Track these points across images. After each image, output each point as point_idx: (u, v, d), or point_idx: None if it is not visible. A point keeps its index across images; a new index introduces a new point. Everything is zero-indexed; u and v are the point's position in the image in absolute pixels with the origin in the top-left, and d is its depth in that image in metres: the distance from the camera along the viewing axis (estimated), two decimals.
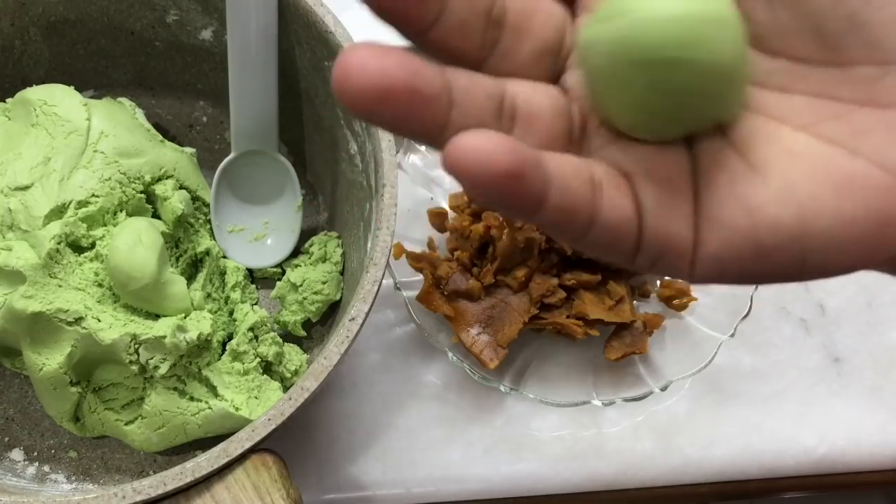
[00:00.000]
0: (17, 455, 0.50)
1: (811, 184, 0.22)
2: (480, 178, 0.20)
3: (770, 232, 0.22)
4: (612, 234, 0.22)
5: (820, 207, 0.22)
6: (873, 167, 0.21)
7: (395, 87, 0.20)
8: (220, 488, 0.40)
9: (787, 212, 0.22)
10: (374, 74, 0.19)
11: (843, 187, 0.22)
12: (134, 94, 0.57)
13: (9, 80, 0.54)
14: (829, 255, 0.22)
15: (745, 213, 0.22)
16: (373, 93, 0.19)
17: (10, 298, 0.45)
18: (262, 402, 0.48)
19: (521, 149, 0.20)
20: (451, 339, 0.54)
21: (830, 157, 0.22)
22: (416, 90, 0.20)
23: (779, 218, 0.22)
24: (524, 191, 0.20)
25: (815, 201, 0.22)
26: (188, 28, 0.55)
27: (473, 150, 0.19)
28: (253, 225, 0.55)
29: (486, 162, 0.19)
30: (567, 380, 0.55)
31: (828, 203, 0.22)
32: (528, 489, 0.55)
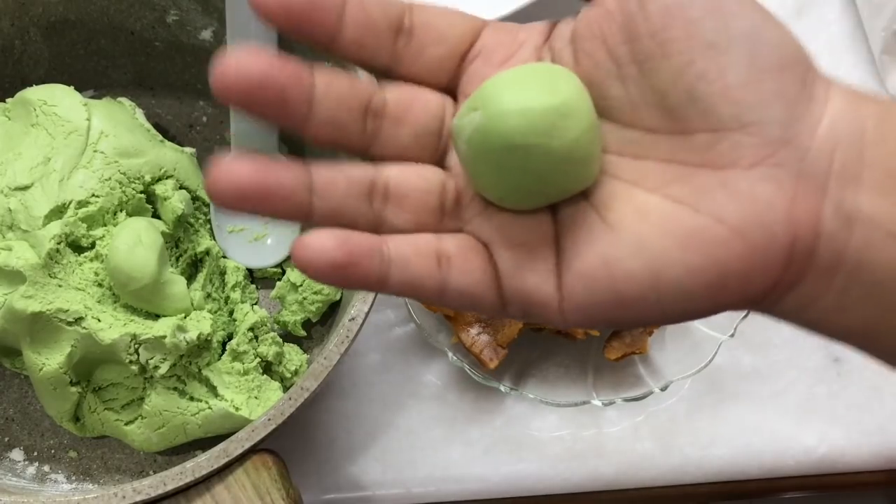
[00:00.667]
0: (17, 455, 0.50)
1: (660, 238, 0.25)
2: (315, 269, 0.24)
3: (625, 282, 0.25)
4: (467, 296, 0.26)
5: (669, 259, 0.24)
6: (713, 222, 0.24)
7: (249, 188, 0.24)
8: (220, 488, 0.40)
9: (639, 264, 0.25)
10: (232, 180, 0.24)
11: (688, 241, 0.24)
12: (134, 94, 0.57)
13: (9, 80, 0.54)
14: (683, 302, 0.25)
15: (603, 265, 0.25)
16: (233, 196, 0.24)
17: (10, 298, 0.45)
18: (262, 402, 0.48)
19: (352, 240, 0.24)
20: (451, 339, 0.54)
21: (677, 215, 0.25)
22: (266, 188, 0.24)
23: (632, 270, 0.25)
24: (360, 275, 0.24)
25: (664, 254, 0.24)
26: (188, 28, 0.55)
27: (307, 247, 0.24)
28: (253, 225, 0.55)
29: (317, 257, 0.24)
30: (567, 380, 0.55)
31: (675, 255, 0.24)
32: (528, 489, 0.55)
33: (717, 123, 0.24)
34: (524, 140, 0.24)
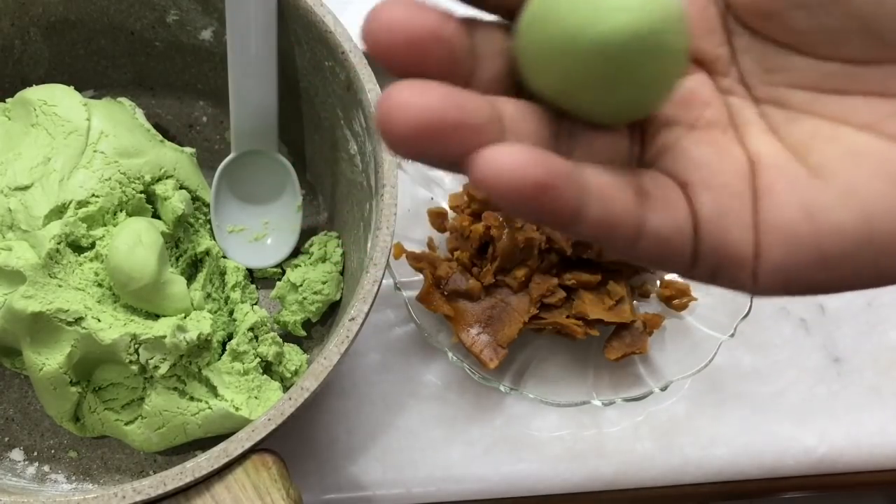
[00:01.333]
0: (17, 455, 0.50)
1: (876, 183, 0.21)
2: (508, 191, 0.19)
3: (834, 237, 0.21)
4: (663, 246, 0.22)
5: (887, 207, 0.21)
6: None
7: (443, 124, 0.19)
8: (220, 488, 0.40)
9: (852, 215, 0.21)
10: (419, 113, 0.19)
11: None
12: (134, 94, 0.57)
13: (9, 80, 0.54)
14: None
15: (807, 217, 0.21)
16: (420, 132, 0.19)
17: (10, 298, 0.45)
18: (262, 402, 0.48)
19: (552, 161, 0.20)
20: (451, 339, 0.54)
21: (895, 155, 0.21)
22: (464, 124, 0.19)
23: (843, 222, 0.21)
24: (557, 203, 0.20)
25: (882, 201, 0.21)
26: (188, 28, 0.55)
27: (499, 162, 0.19)
28: (253, 225, 0.55)
29: (512, 175, 0.19)
30: (567, 380, 0.55)
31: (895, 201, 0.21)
32: (528, 489, 0.55)
33: None
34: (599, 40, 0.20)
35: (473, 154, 0.19)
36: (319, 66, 0.51)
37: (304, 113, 0.55)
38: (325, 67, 0.50)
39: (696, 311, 0.56)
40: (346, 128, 0.50)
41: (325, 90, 0.52)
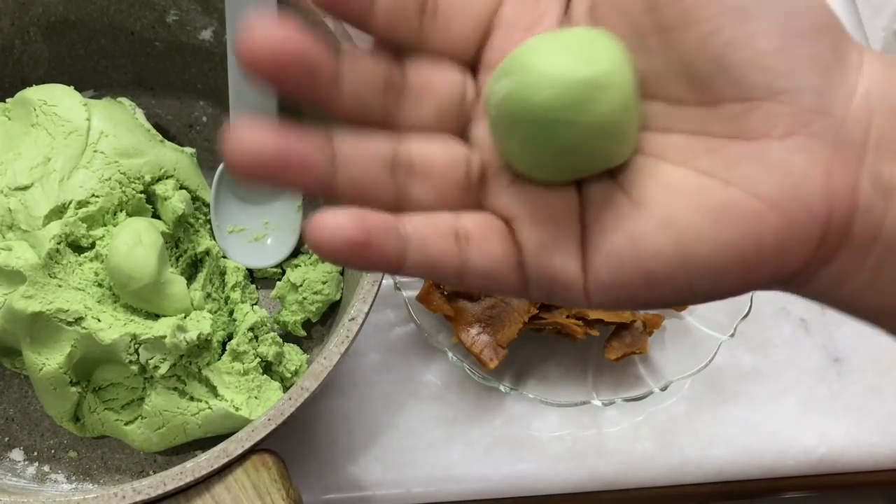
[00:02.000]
0: (17, 455, 0.50)
1: (689, 214, 0.23)
2: (330, 250, 0.23)
3: (654, 260, 0.24)
4: (489, 278, 0.25)
5: (698, 235, 0.23)
6: (745, 195, 0.23)
7: (267, 158, 0.23)
8: (220, 488, 0.40)
9: (668, 240, 0.24)
10: (250, 149, 0.22)
11: (718, 215, 0.23)
12: (134, 94, 0.57)
13: (9, 80, 0.54)
14: (713, 280, 0.24)
15: (630, 244, 0.24)
16: (252, 165, 0.23)
17: (10, 298, 0.45)
18: (262, 402, 0.48)
19: (369, 219, 0.23)
20: (451, 339, 0.54)
21: (706, 188, 0.23)
22: (286, 158, 0.23)
23: (661, 247, 0.24)
24: (377, 255, 0.23)
25: (694, 230, 0.23)
26: (188, 28, 0.55)
27: (323, 227, 0.23)
28: (253, 225, 0.55)
29: (332, 236, 0.23)
30: (567, 380, 0.55)
31: (705, 231, 0.23)
32: (528, 489, 0.55)
33: (747, 92, 0.23)
34: (553, 113, 0.23)
35: (308, 223, 0.23)
36: None
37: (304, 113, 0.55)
38: None
39: (696, 311, 0.56)
40: None
41: None
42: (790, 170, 0.23)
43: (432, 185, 0.25)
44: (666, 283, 0.24)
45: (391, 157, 0.25)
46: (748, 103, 0.23)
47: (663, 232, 0.24)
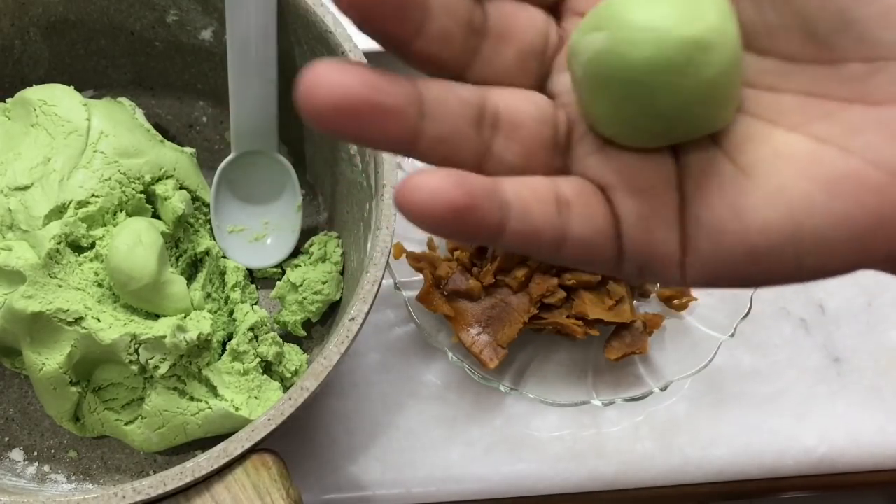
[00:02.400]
0: (17, 455, 0.50)
1: (802, 183, 0.22)
2: (429, 215, 0.20)
3: (761, 234, 0.22)
4: (587, 250, 0.23)
5: (811, 207, 0.21)
6: (865, 165, 0.21)
7: (355, 103, 0.20)
8: (220, 488, 0.40)
9: (778, 213, 0.22)
10: (335, 91, 0.20)
11: (834, 186, 0.21)
12: (134, 94, 0.57)
13: (9, 80, 0.54)
14: (824, 256, 0.22)
15: (735, 216, 0.22)
16: (334, 109, 0.20)
17: (10, 298, 0.45)
18: (262, 402, 0.48)
19: (470, 181, 0.21)
20: (451, 339, 0.54)
21: (822, 156, 0.22)
22: (377, 104, 0.20)
23: (769, 219, 0.22)
24: (479, 222, 0.21)
25: (807, 201, 0.21)
26: (188, 28, 0.55)
27: (419, 188, 0.20)
28: (253, 225, 0.55)
29: (432, 199, 0.20)
30: (567, 380, 0.55)
31: (819, 202, 0.21)
32: (528, 489, 0.55)
33: (874, 51, 0.21)
34: (654, 76, 0.21)
35: (398, 186, 0.21)
36: None
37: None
38: None
39: (696, 311, 0.56)
40: None
41: None
42: None
43: (519, 142, 0.23)
44: (772, 259, 0.22)
45: (478, 108, 0.22)
46: (873, 63, 0.21)
47: (773, 203, 0.22)
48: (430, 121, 0.21)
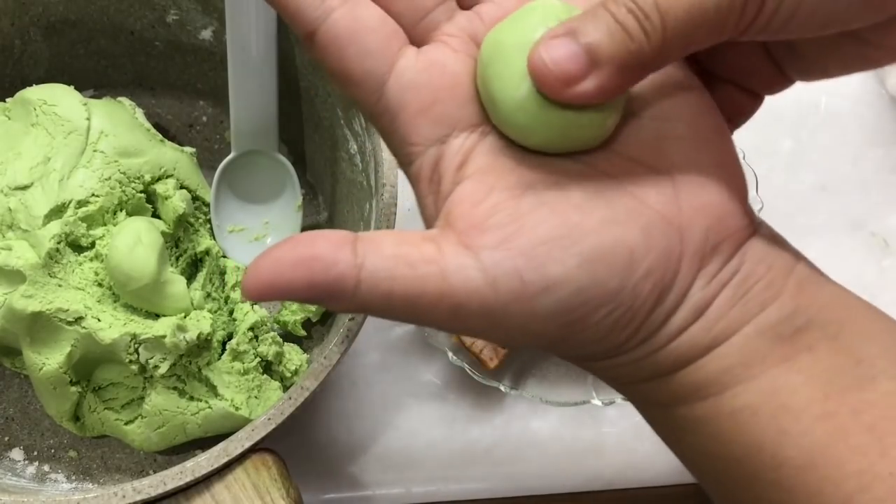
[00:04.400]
0: (17, 455, 0.50)
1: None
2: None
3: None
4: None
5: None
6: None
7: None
8: (220, 488, 0.40)
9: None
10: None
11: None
12: (134, 94, 0.57)
13: (9, 80, 0.54)
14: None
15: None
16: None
17: (9, 298, 0.45)
18: (262, 402, 0.48)
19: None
20: (451, 339, 0.54)
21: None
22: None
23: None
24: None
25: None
26: (188, 28, 0.55)
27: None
28: (253, 225, 0.55)
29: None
30: (567, 379, 0.54)
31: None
32: (528, 489, 0.55)
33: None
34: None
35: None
36: (319, 66, 0.50)
37: (304, 113, 0.55)
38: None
39: None
40: (346, 127, 0.51)
41: (325, 90, 0.52)
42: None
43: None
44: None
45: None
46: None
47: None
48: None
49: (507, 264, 0.26)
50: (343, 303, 0.26)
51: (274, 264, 0.26)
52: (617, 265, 0.26)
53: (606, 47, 0.25)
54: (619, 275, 0.26)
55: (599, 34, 0.25)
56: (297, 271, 0.26)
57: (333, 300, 0.26)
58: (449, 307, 0.26)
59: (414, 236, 0.27)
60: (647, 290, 0.26)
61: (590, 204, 0.27)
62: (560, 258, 0.26)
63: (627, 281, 0.26)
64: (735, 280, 0.27)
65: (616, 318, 0.26)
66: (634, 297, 0.26)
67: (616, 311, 0.26)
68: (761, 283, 0.27)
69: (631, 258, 0.26)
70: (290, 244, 0.26)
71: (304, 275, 0.26)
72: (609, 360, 0.28)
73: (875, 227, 0.61)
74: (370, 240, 0.27)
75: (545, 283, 0.26)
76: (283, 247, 0.26)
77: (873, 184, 0.63)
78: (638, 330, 0.27)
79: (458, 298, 0.26)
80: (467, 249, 0.26)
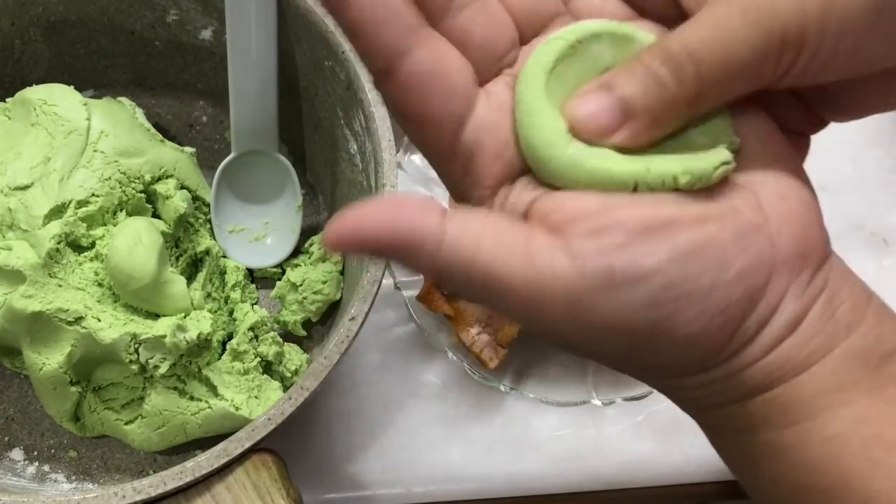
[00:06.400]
0: (17, 455, 0.50)
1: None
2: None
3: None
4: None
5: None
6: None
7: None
8: (221, 488, 0.40)
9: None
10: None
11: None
12: (134, 94, 0.57)
13: (9, 80, 0.54)
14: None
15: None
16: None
17: (10, 298, 0.45)
18: (262, 402, 0.48)
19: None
20: (451, 338, 0.54)
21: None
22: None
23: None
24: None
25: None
26: (188, 28, 0.55)
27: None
28: (253, 225, 0.55)
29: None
30: (567, 379, 0.54)
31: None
32: (528, 489, 0.55)
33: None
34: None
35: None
36: (319, 66, 0.51)
37: (304, 113, 0.55)
38: (325, 67, 0.50)
39: None
40: (346, 127, 0.51)
41: (325, 90, 0.52)
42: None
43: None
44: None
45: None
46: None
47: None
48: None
49: (596, 252, 0.25)
50: (424, 259, 0.25)
51: (360, 213, 0.25)
52: (709, 262, 0.25)
53: (640, 98, 0.25)
54: (711, 272, 0.25)
55: (633, 87, 0.26)
56: (382, 219, 0.25)
57: (415, 254, 0.25)
58: (531, 289, 0.25)
59: (507, 214, 0.27)
60: (739, 293, 0.25)
61: (682, 204, 0.26)
62: (652, 250, 0.25)
63: (719, 280, 0.25)
64: (823, 296, 0.26)
65: (707, 320, 0.25)
66: (727, 299, 0.25)
67: (707, 311, 0.25)
68: (846, 305, 0.26)
69: (724, 257, 0.25)
70: (381, 201, 0.26)
71: (389, 223, 0.25)
72: (699, 375, 0.27)
73: (875, 226, 0.61)
74: (460, 209, 0.26)
75: (635, 273, 0.25)
76: (369, 203, 0.26)
77: (873, 184, 0.63)
78: (731, 338, 0.26)
79: (543, 281, 0.25)
80: (556, 235, 0.25)
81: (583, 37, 0.28)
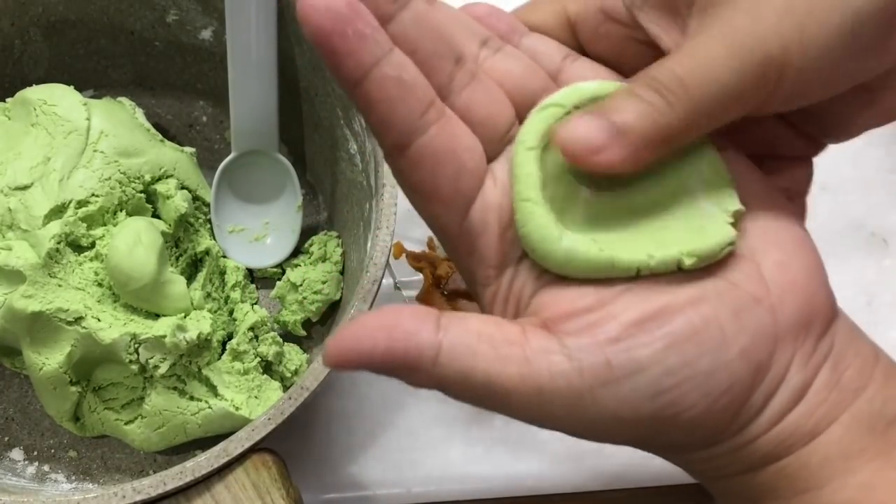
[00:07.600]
0: (17, 455, 0.50)
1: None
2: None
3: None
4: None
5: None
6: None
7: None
8: (220, 488, 0.40)
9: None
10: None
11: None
12: (134, 94, 0.57)
13: (9, 80, 0.54)
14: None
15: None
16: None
17: (10, 298, 0.45)
18: (262, 402, 0.48)
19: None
20: None
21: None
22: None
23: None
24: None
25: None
26: (188, 28, 0.55)
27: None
28: (253, 225, 0.55)
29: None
30: None
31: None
32: (528, 489, 0.55)
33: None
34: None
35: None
36: (319, 66, 0.51)
37: (304, 113, 0.55)
38: (325, 67, 0.50)
39: None
40: (346, 127, 0.51)
41: (324, 90, 0.52)
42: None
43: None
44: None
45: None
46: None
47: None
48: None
49: (592, 349, 0.25)
50: (422, 375, 0.26)
51: (357, 329, 0.25)
52: (708, 344, 0.25)
53: (633, 121, 0.25)
54: (710, 354, 0.25)
55: (627, 112, 0.26)
56: (378, 338, 0.25)
57: (412, 371, 0.25)
58: (531, 390, 0.25)
59: (498, 318, 0.27)
60: (743, 370, 0.25)
61: (677, 287, 0.26)
62: (647, 341, 0.25)
63: (720, 360, 0.25)
64: (829, 362, 0.26)
65: (711, 402, 0.25)
66: (730, 378, 0.25)
67: (710, 393, 0.25)
68: (852, 370, 0.26)
69: (722, 337, 0.25)
70: (377, 313, 0.25)
71: (384, 342, 0.25)
72: (706, 449, 0.27)
73: (875, 227, 0.61)
74: (455, 316, 0.26)
75: (632, 365, 0.25)
76: (368, 315, 0.26)
77: (873, 184, 0.63)
78: (737, 414, 0.26)
79: (541, 381, 0.25)
80: (552, 334, 0.25)
81: (581, 101, 0.27)
